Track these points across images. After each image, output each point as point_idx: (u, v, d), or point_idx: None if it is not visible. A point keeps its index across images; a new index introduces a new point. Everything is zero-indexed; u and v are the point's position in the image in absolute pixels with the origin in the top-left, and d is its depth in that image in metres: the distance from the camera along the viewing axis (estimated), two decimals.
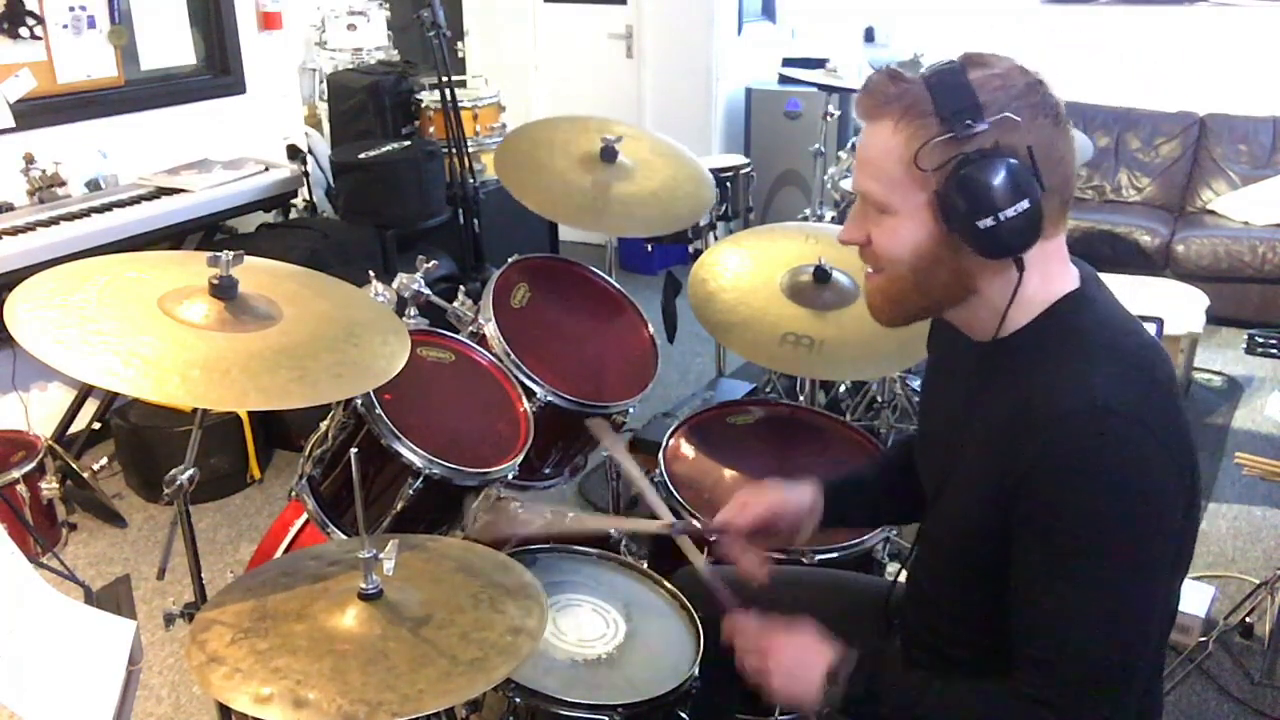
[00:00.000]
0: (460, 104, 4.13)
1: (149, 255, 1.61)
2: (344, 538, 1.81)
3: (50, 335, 1.32)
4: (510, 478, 1.86)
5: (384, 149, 3.97)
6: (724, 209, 3.40)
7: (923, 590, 1.41)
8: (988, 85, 1.11)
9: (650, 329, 2.29)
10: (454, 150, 4.07)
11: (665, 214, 2.37)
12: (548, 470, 2.15)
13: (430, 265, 2.09)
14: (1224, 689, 2.41)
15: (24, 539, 2.78)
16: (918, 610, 1.43)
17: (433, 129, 4.35)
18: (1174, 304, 3.78)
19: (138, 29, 3.70)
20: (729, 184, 3.39)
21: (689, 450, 2.11)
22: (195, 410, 1.59)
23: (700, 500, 1.94)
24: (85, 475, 3.12)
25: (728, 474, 2.07)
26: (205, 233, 3.71)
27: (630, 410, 2.13)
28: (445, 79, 3.95)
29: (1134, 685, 1.15)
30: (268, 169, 3.80)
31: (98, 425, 3.58)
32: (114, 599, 1.74)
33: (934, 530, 1.34)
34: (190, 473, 1.62)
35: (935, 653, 1.37)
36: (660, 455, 2.04)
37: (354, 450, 1.39)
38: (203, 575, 1.73)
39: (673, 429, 2.15)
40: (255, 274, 1.56)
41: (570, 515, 1.70)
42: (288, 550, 2.01)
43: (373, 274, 1.99)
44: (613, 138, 2.33)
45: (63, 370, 1.30)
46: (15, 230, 3.06)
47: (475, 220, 4.17)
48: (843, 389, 3.56)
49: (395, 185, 3.89)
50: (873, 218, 1.20)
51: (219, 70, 4.02)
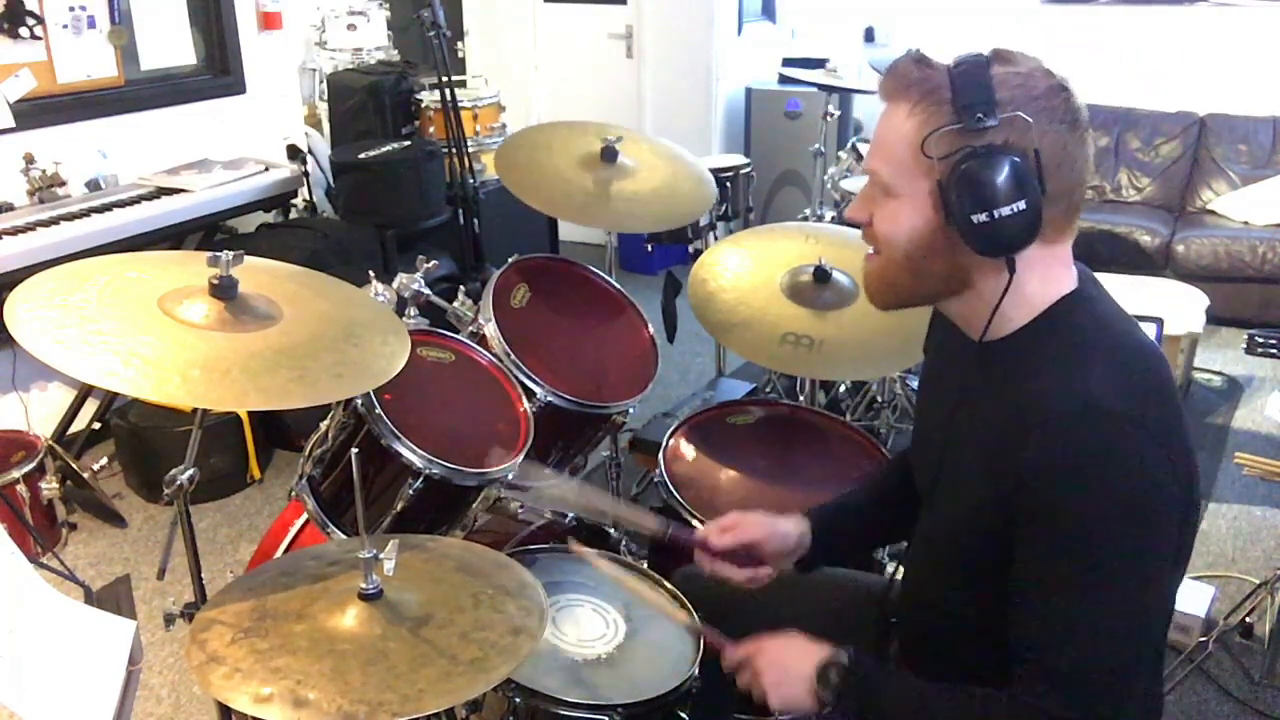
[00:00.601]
0: (460, 104, 4.13)
1: (149, 255, 1.61)
2: (344, 538, 1.81)
3: (50, 335, 1.32)
4: (510, 478, 1.86)
5: (384, 149, 3.97)
6: (724, 209, 3.40)
7: (918, 589, 1.41)
8: (1008, 83, 1.11)
9: (650, 329, 2.29)
10: (454, 150, 4.07)
11: (667, 211, 2.37)
12: (548, 470, 2.14)
13: (430, 265, 2.09)
14: (1224, 689, 2.41)
15: (24, 539, 2.77)
16: (914, 609, 1.43)
17: (433, 129, 4.35)
18: (1174, 304, 3.78)
19: (138, 29, 3.70)
20: (729, 184, 3.38)
21: (689, 450, 2.11)
22: (195, 410, 1.59)
23: (700, 500, 1.94)
24: (85, 475, 3.12)
25: (728, 474, 2.06)
26: (205, 233, 3.71)
27: (630, 410, 2.13)
28: (445, 79, 3.95)
29: (1134, 687, 1.15)
30: (268, 169, 3.80)
31: (98, 425, 3.58)
32: (114, 599, 1.74)
33: (928, 530, 1.34)
34: (190, 473, 1.62)
35: (932, 651, 1.37)
36: (660, 455, 2.04)
37: (354, 450, 1.39)
38: (203, 575, 1.73)
39: (673, 429, 2.14)
40: (255, 274, 1.56)
41: (569, 517, 1.70)
42: (288, 550, 2.01)
43: (373, 274, 1.99)
44: (613, 138, 2.33)
45: (63, 370, 1.29)
46: (15, 230, 3.06)
47: (475, 220, 4.17)
48: (843, 389, 3.56)
49: (395, 185, 3.89)
50: (878, 199, 1.21)
51: (219, 70, 4.02)
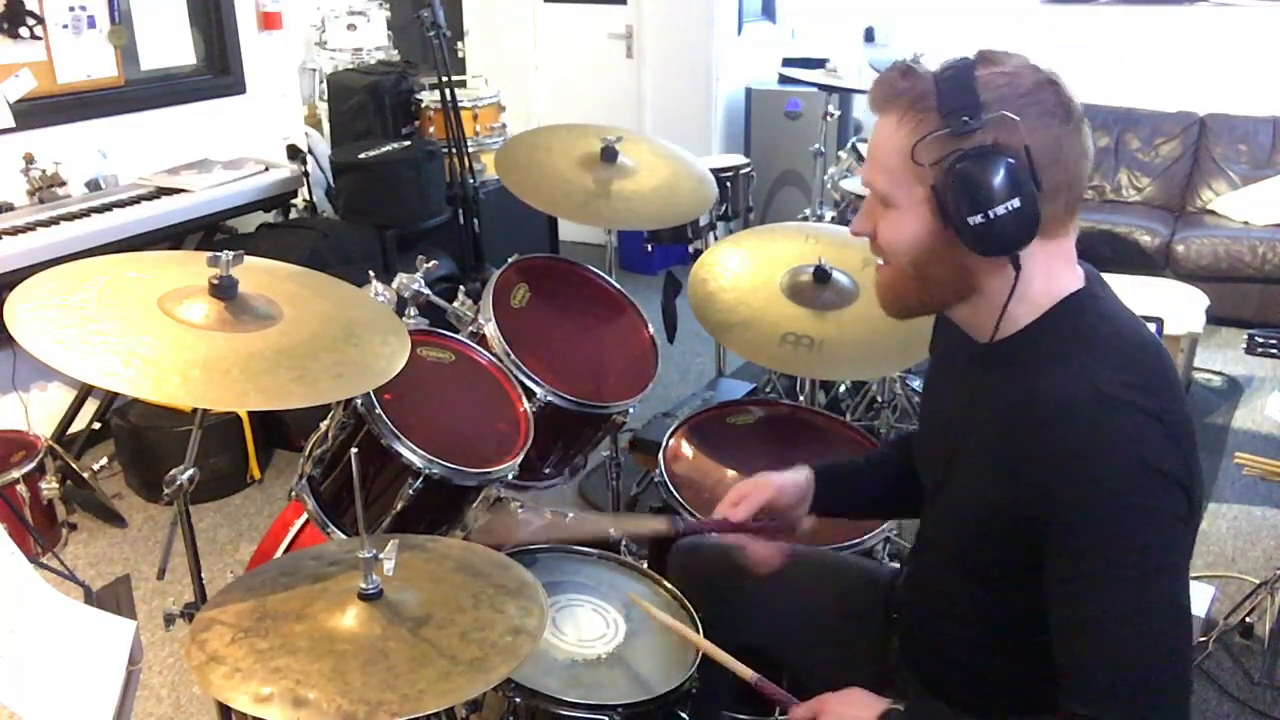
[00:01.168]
0: (460, 104, 4.13)
1: (149, 255, 1.61)
2: (344, 538, 1.81)
3: (50, 335, 1.32)
4: (510, 478, 1.86)
5: (384, 149, 3.97)
6: (724, 209, 3.40)
7: (922, 587, 1.41)
8: (992, 83, 1.11)
9: (650, 329, 2.29)
10: (454, 150, 4.07)
11: (667, 210, 2.37)
12: (548, 470, 2.14)
13: (430, 265, 2.09)
14: (1224, 689, 2.41)
15: (24, 539, 2.78)
16: (917, 604, 1.43)
17: (433, 129, 4.35)
18: (1174, 304, 3.78)
19: (138, 29, 3.70)
20: (729, 184, 3.38)
21: (689, 450, 2.11)
22: (195, 410, 1.59)
23: (700, 500, 1.94)
24: (85, 475, 3.12)
25: (728, 474, 2.06)
26: (205, 233, 3.71)
27: (630, 410, 2.13)
28: (445, 79, 3.95)
29: (1186, 681, 1.09)
30: (268, 169, 3.80)
31: (98, 425, 3.58)
32: (114, 599, 1.74)
33: (935, 527, 1.34)
34: (190, 473, 1.62)
35: (933, 648, 1.37)
36: (660, 455, 2.04)
37: (354, 450, 1.39)
38: (203, 575, 1.73)
39: (673, 429, 2.15)
40: (255, 274, 1.56)
41: (570, 516, 1.70)
42: (288, 550, 2.01)
43: (373, 274, 1.99)
44: (613, 138, 2.33)
45: (63, 370, 1.29)
46: (15, 230, 3.06)
47: (475, 220, 4.17)
48: (843, 389, 3.56)
49: (395, 185, 3.89)
50: (879, 211, 1.21)
51: (219, 70, 4.02)
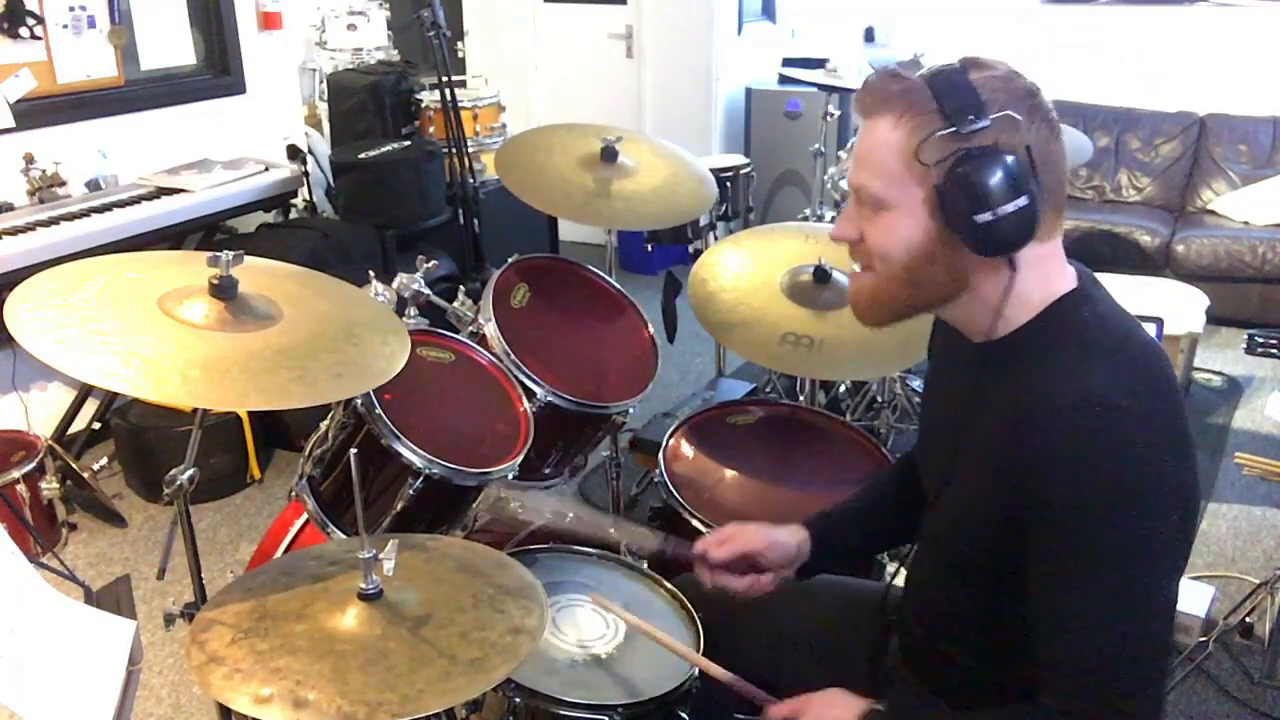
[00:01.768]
0: (460, 104, 4.13)
1: (149, 255, 1.61)
2: (344, 538, 1.81)
3: (50, 335, 1.32)
4: (510, 478, 1.86)
5: (384, 149, 3.97)
6: (724, 209, 3.40)
7: (921, 590, 1.41)
8: (989, 85, 1.12)
9: (650, 329, 2.29)
10: (454, 150, 4.07)
11: (667, 209, 2.37)
12: (548, 470, 2.15)
13: (430, 265, 2.09)
14: (1224, 689, 2.41)
15: (24, 539, 2.78)
16: (916, 609, 1.42)
17: (433, 129, 4.35)
18: (1174, 304, 3.78)
19: (138, 29, 3.70)
20: (729, 184, 3.38)
21: (689, 450, 2.11)
22: (195, 410, 1.59)
23: (700, 500, 1.94)
24: (85, 475, 3.12)
25: (728, 474, 2.06)
26: (205, 233, 3.71)
27: (630, 410, 2.13)
28: (445, 79, 3.95)
29: (1162, 678, 1.11)
30: (268, 169, 3.80)
31: (98, 425, 3.58)
32: (114, 599, 1.74)
33: (934, 531, 1.34)
34: (190, 473, 1.62)
35: (932, 652, 1.37)
36: (660, 455, 2.03)
37: (354, 450, 1.39)
38: (203, 575, 1.73)
39: (673, 429, 2.14)
40: (255, 274, 1.56)
41: (570, 515, 1.69)
42: (288, 550, 2.01)
43: (373, 274, 1.99)
44: (613, 138, 2.33)
45: (63, 370, 1.29)
46: (15, 230, 3.06)
47: (475, 220, 4.17)
48: (843, 389, 3.57)
49: (395, 185, 3.89)
50: (866, 215, 1.20)
51: (219, 70, 4.02)
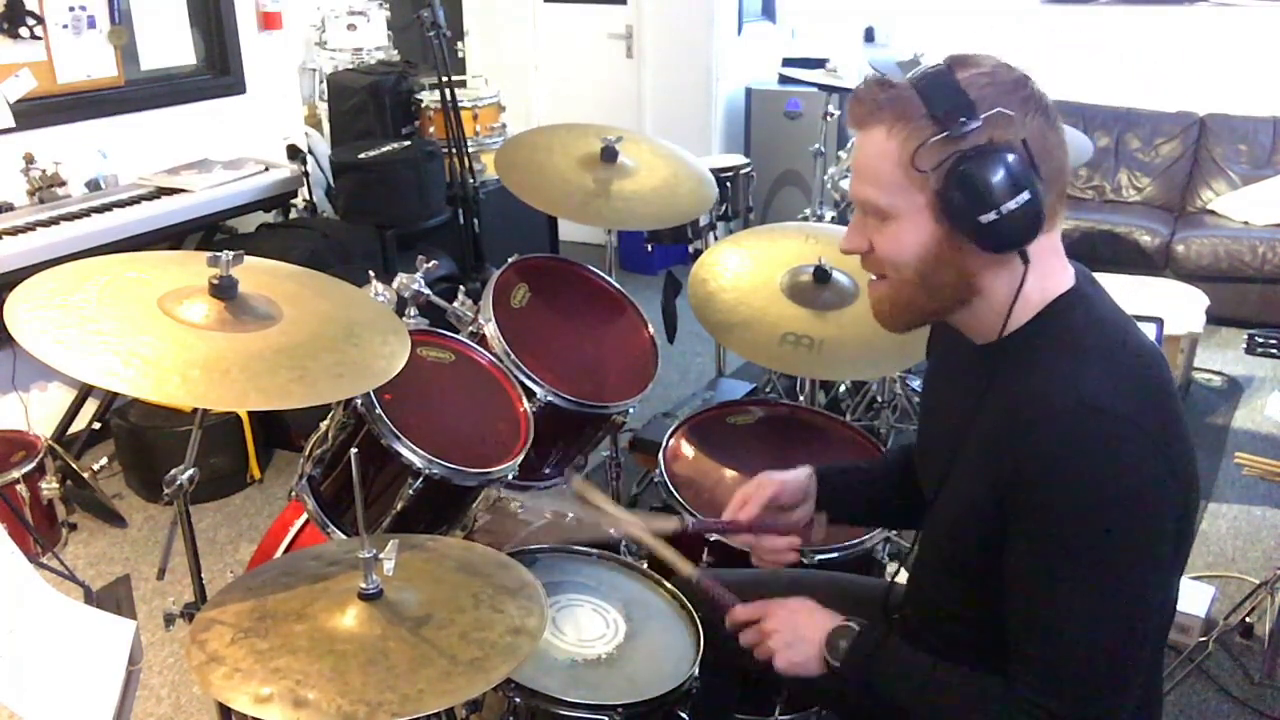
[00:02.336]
0: (460, 104, 4.13)
1: (149, 255, 1.61)
2: (344, 538, 1.81)
3: (50, 335, 1.32)
4: (510, 478, 1.86)
5: (384, 149, 3.96)
6: (724, 209, 3.40)
7: (922, 591, 1.41)
8: (976, 83, 1.12)
9: (650, 329, 2.29)
10: (454, 150, 4.07)
11: (667, 209, 2.37)
12: (548, 470, 2.15)
13: (430, 265, 2.09)
14: (1224, 689, 2.41)
15: (24, 539, 2.78)
16: (917, 610, 1.43)
17: (433, 129, 4.35)
18: (1174, 304, 3.78)
19: (138, 29, 3.70)
20: (729, 184, 3.38)
21: (689, 450, 2.11)
22: (195, 410, 1.59)
23: (700, 500, 1.94)
24: (85, 475, 3.12)
25: (728, 474, 2.06)
26: (205, 233, 3.71)
27: (630, 410, 2.13)
28: (445, 79, 3.95)
29: (1130, 685, 1.15)
30: (268, 169, 3.79)
31: (98, 425, 3.58)
32: (114, 599, 1.74)
33: (932, 532, 1.34)
34: (190, 473, 1.62)
35: (935, 650, 1.37)
36: (660, 455, 2.04)
37: (354, 450, 1.39)
38: (203, 575, 1.73)
39: (673, 429, 2.15)
40: (255, 274, 1.56)
41: (570, 517, 1.69)
42: (288, 550, 2.01)
43: (373, 274, 1.99)
44: (613, 138, 2.33)
45: (63, 370, 1.30)
46: (15, 230, 3.05)
47: (475, 220, 4.17)
48: (843, 389, 3.56)
49: (395, 185, 3.89)
50: (873, 225, 1.20)
51: (219, 70, 4.02)
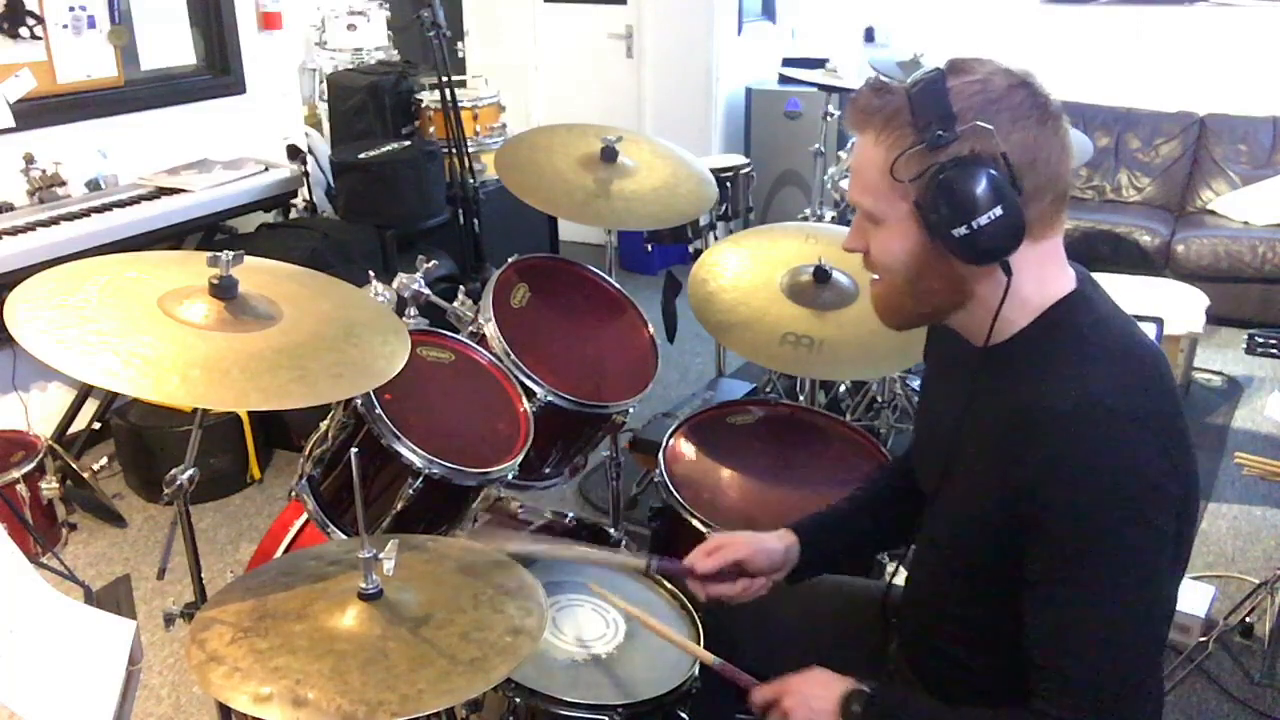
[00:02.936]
0: (460, 104, 4.13)
1: (149, 255, 1.61)
2: (344, 538, 1.81)
3: (50, 335, 1.32)
4: (510, 478, 1.86)
5: (384, 149, 3.97)
6: (724, 209, 3.40)
7: (921, 591, 1.41)
8: (964, 92, 1.11)
9: (650, 329, 2.29)
10: (454, 150, 4.07)
11: (667, 209, 2.37)
12: (548, 470, 2.14)
13: (430, 265, 2.09)
14: (1224, 689, 2.41)
15: (24, 539, 2.78)
16: (916, 610, 1.43)
17: (433, 129, 4.35)
18: (1174, 304, 3.78)
19: (138, 29, 3.70)
20: (729, 184, 3.38)
21: (689, 450, 2.11)
22: (195, 410, 1.59)
23: (700, 500, 1.94)
24: (85, 475, 3.12)
25: (728, 474, 2.06)
26: (205, 233, 3.71)
27: (630, 410, 2.13)
28: (445, 79, 3.95)
29: (1147, 687, 1.14)
30: (268, 169, 3.80)
31: (98, 425, 3.58)
32: (114, 599, 1.74)
33: (933, 531, 1.34)
34: (190, 473, 1.62)
35: (933, 652, 1.37)
36: (660, 455, 2.03)
37: (354, 450, 1.39)
38: (203, 575, 1.73)
39: (673, 429, 2.14)
40: (255, 274, 1.56)
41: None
42: (288, 550, 2.01)
43: (373, 274, 1.99)
44: (613, 138, 2.33)
45: (63, 370, 1.30)
46: (15, 230, 3.06)
47: (475, 220, 4.17)
48: (843, 389, 3.56)
49: (395, 185, 3.89)
50: (869, 227, 1.21)
51: (219, 70, 4.02)
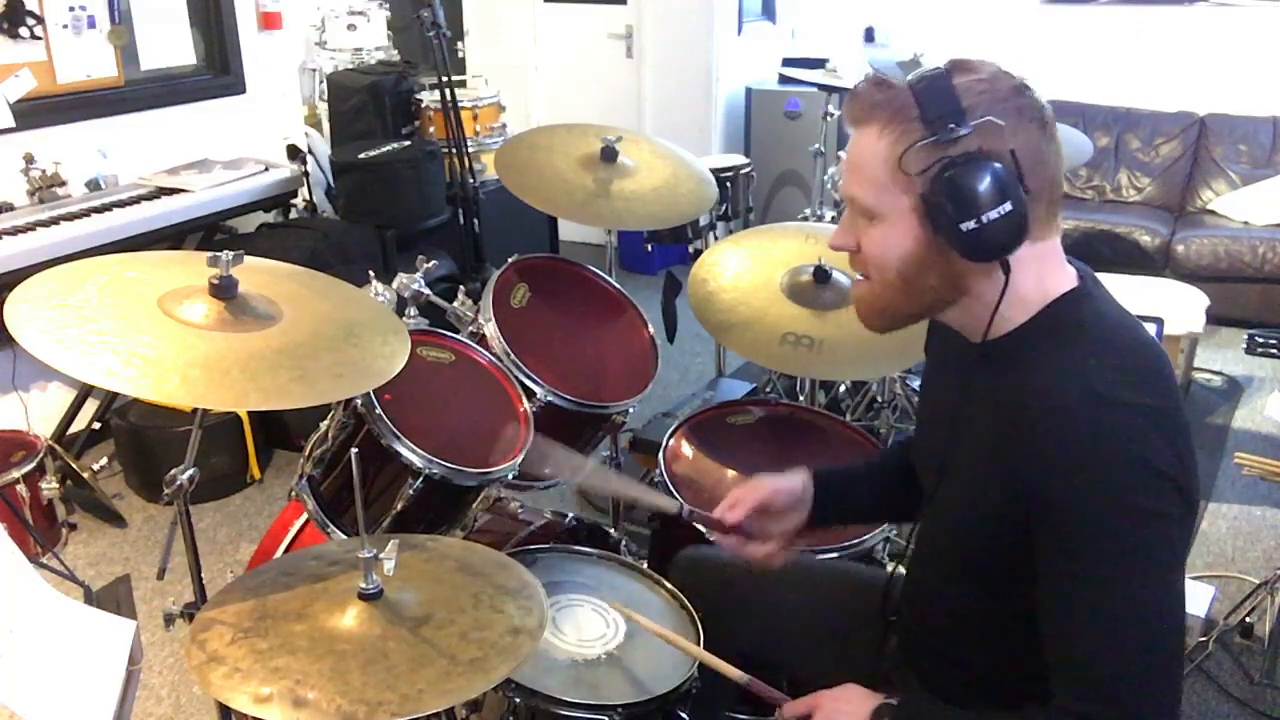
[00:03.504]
0: (460, 104, 4.13)
1: (149, 255, 1.61)
2: (344, 538, 1.81)
3: (50, 335, 1.32)
4: (510, 478, 1.86)
5: (384, 149, 3.96)
6: (724, 209, 3.39)
7: (920, 588, 1.41)
8: (972, 90, 1.11)
9: (650, 329, 2.29)
10: (454, 150, 4.07)
11: (667, 209, 2.37)
12: (548, 470, 2.14)
13: (430, 265, 2.09)
14: (1224, 689, 2.41)
15: (24, 539, 2.78)
16: (916, 606, 1.43)
17: (433, 129, 4.35)
18: (1174, 304, 3.78)
19: (138, 29, 3.70)
20: (729, 184, 3.38)
21: (689, 450, 2.11)
22: (195, 410, 1.59)
23: (700, 500, 1.93)
24: (85, 475, 3.12)
25: (728, 474, 2.06)
26: (205, 233, 3.71)
27: (630, 410, 2.13)
28: (445, 79, 3.95)
29: (1174, 680, 1.10)
30: (268, 169, 3.80)
31: (98, 425, 3.58)
32: (114, 599, 1.74)
33: (932, 527, 1.34)
34: (190, 473, 1.62)
35: (933, 649, 1.37)
36: (660, 455, 2.04)
37: (354, 450, 1.39)
38: (203, 575, 1.73)
39: (673, 429, 2.15)
40: (255, 274, 1.56)
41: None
42: (288, 550, 2.01)
43: (373, 274, 1.99)
44: (613, 138, 2.34)
45: (63, 370, 1.30)
46: (15, 230, 3.05)
47: (475, 220, 4.17)
48: (843, 389, 3.56)
49: (395, 185, 3.89)
50: (861, 224, 1.20)
51: (219, 70, 4.02)
